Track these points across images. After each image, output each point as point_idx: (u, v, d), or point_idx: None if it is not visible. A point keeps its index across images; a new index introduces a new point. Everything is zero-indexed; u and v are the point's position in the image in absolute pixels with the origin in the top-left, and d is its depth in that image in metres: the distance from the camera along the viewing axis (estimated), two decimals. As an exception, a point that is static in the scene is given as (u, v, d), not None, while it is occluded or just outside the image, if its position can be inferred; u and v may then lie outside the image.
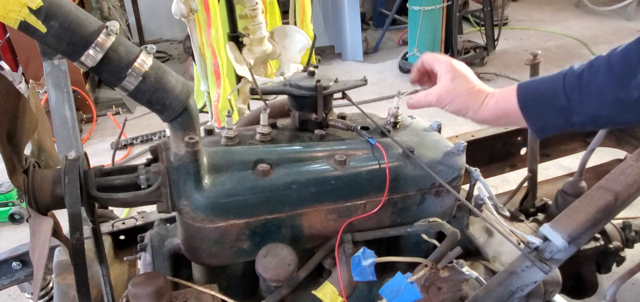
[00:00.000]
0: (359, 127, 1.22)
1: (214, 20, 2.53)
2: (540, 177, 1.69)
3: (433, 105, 1.12)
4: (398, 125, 1.30)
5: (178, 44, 6.32)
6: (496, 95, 1.06)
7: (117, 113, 4.49)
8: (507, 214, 1.39)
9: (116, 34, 0.86)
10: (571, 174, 1.60)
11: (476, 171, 1.23)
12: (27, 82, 3.89)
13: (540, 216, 1.63)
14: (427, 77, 1.20)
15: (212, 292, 1.06)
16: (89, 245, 1.02)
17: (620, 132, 2.12)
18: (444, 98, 1.09)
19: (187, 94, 0.96)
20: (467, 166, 1.22)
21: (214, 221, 1.06)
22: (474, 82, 1.09)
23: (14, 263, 1.52)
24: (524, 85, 1.02)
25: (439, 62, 1.13)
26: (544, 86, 0.99)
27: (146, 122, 4.33)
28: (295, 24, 3.04)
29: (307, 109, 1.22)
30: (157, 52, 1.65)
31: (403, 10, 5.61)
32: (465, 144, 1.21)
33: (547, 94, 0.98)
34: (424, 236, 1.18)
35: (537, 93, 1.00)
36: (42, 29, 0.80)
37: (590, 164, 1.53)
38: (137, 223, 1.47)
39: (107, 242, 1.40)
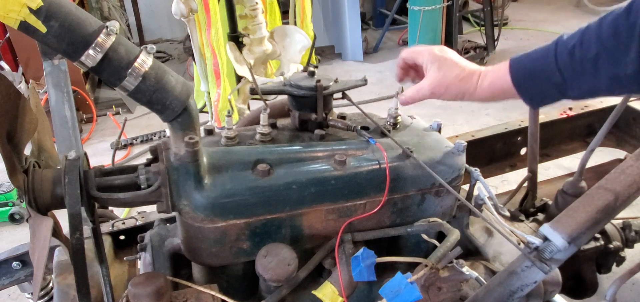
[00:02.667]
0: (359, 127, 1.22)
1: (214, 20, 2.53)
2: (540, 177, 1.69)
3: (427, 98, 1.10)
4: (398, 126, 1.30)
5: (178, 44, 6.32)
6: (489, 75, 1.04)
7: (117, 113, 4.49)
8: (507, 214, 1.39)
9: (116, 34, 0.86)
10: (571, 174, 1.60)
11: (476, 171, 1.23)
12: (27, 82, 3.88)
13: (540, 216, 1.63)
14: (414, 72, 1.18)
15: (212, 292, 1.06)
16: (89, 245, 1.02)
17: (620, 132, 2.12)
18: (437, 89, 1.08)
19: (187, 94, 0.96)
20: (467, 166, 1.22)
21: (214, 221, 1.06)
22: (462, 64, 1.08)
23: (14, 263, 1.52)
24: (517, 64, 1.01)
25: (420, 54, 1.12)
26: (537, 64, 0.98)
27: (146, 122, 4.33)
28: (295, 24, 3.04)
29: (307, 109, 1.22)
30: (157, 52, 1.65)
31: (403, 10, 5.61)
32: (465, 144, 1.20)
33: (541, 72, 0.97)
34: (424, 236, 1.18)
35: (531, 71, 0.99)
36: (42, 29, 0.79)
37: (590, 164, 1.53)
38: (137, 223, 1.47)
39: (107, 242, 1.40)
